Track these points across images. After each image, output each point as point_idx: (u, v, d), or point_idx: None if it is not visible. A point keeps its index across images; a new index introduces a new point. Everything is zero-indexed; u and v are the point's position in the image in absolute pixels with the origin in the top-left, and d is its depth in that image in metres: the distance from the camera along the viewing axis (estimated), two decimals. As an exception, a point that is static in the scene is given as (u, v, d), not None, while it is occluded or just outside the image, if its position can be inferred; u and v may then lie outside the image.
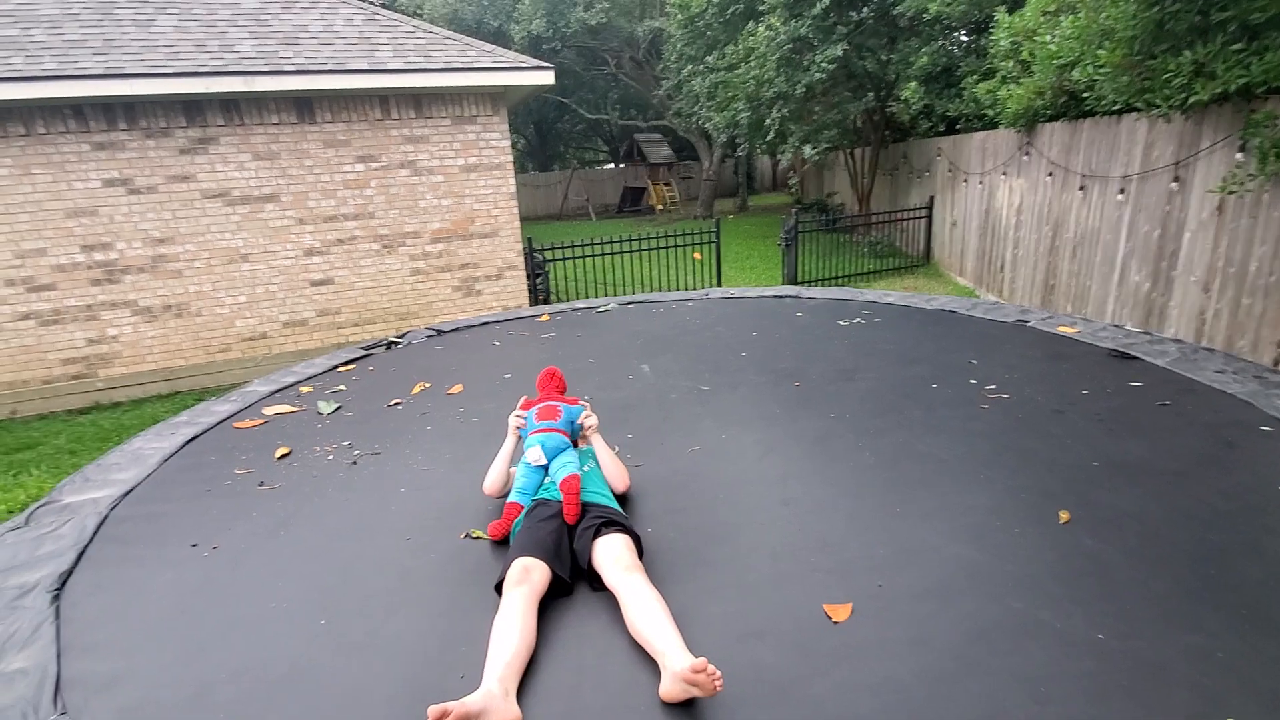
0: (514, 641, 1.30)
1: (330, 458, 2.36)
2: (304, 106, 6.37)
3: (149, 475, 2.29)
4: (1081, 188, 6.02)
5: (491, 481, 1.89)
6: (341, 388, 3.09)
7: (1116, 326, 3.18)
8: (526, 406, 2.00)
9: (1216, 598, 1.40)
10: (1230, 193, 4.17)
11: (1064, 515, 1.72)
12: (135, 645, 1.47)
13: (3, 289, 5.81)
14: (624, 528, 1.58)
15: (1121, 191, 5.43)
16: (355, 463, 2.31)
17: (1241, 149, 4.11)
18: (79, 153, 5.81)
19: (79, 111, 5.73)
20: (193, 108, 6.04)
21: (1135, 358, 2.75)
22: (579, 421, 1.95)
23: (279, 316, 6.73)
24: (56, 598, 1.64)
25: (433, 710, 1.10)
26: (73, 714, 1.28)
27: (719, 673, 1.16)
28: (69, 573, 1.74)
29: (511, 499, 1.74)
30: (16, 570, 1.75)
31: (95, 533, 1.93)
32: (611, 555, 1.48)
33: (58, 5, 6.16)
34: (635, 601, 1.37)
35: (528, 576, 1.44)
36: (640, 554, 1.55)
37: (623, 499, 1.89)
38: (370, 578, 1.66)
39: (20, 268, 5.82)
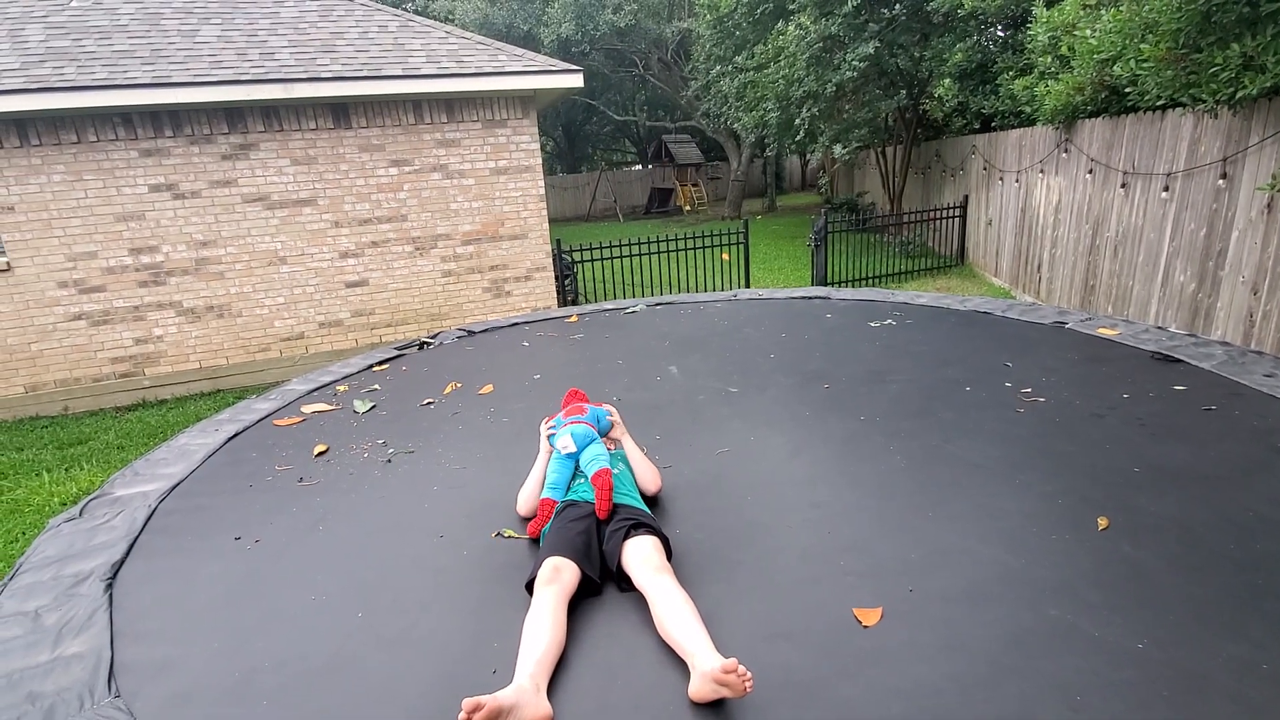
0: (545, 638, 1.33)
1: (366, 456, 2.41)
2: (340, 112, 6.52)
3: (194, 470, 2.38)
4: (1123, 185, 5.85)
5: (526, 498, 1.89)
6: (376, 387, 3.16)
7: (1160, 328, 3.09)
8: (552, 418, 2.04)
9: (1262, 607, 1.36)
10: (1281, 190, 4.03)
11: (1103, 521, 1.68)
12: (184, 633, 1.53)
13: (56, 290, 6.06)
14: (653, 529, 1.60)
15: (1166, 189, 5.27)
16: (390, 461, 2.36)
17: (1294, 144, 3.97)
18: (127, 159, 6.03)
19: (127, 119, 5.95)
20: (234, 114, 6.23)
21: (1179, 361, 2.67)
22: (606, 419, 1.98)
23: (315, 317, 6.90)
24: (109, 586, 1.71)
25: (467, 702, 1.12)
26: (126, 698, 1.33)
27: (749, 674, 1.16)
28: (121, 562, 1.82)
29: (544, 495, 1.77)
30: (73, 559, 1.83)
31: (145, 524, 2.01)
32: (641, 556, 1.50)
33: (107, 17, 6.41)
34: (664, 602, 1.38)
35: (558, 576, 1.46)
36: (669, 556, 1.57)
37: (652, 500, 1.90)
38: (405, 574, 1.70)
39: (73, 270, 6.07)
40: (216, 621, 1.56)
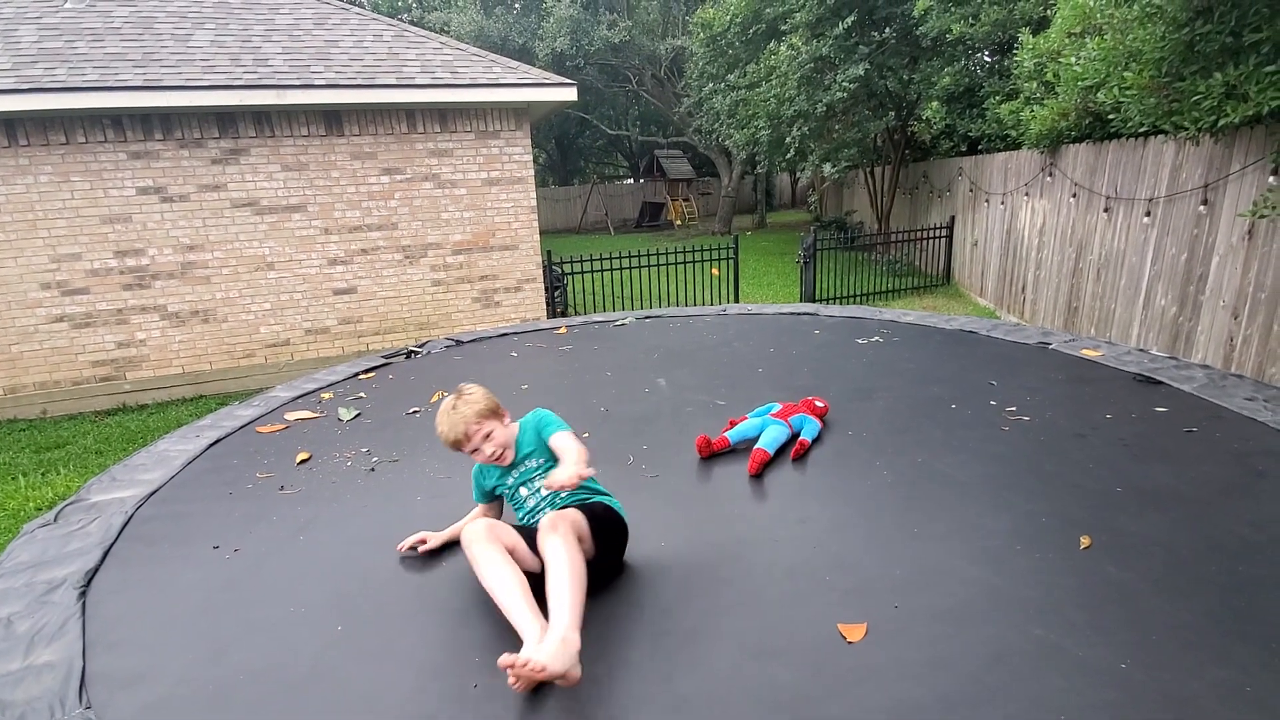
0: (519, 581, 1.41)
1: (349, 464, 2.39)
2: (332, 119, 6.52)
3: (173, 477, 2.33)
4: (1106, 209, 5.96)
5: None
6: (361, 395, 3.13)
7: (1141, 351, 3.13)
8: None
9: (1245, 630, 1.37)
10: (1262, 217, 4.11)
11: (1085, 541, 1.69)
12: (158, 643, 1.50)
13: (39, 292, 5.98)
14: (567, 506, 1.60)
15: (1148, 214, 5.37)
16: (373, 469, 2.33)
17: (1274, 172, 4.06)
18: (116, 161, 5.99)
19: (117, 122, 5.91)
20: (225, 119, 6.21)
21: (1161, 383, 2.70)
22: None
23: (302, 324, 6.84)
24: (83, 594, 1.67)
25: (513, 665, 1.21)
26: (97, 709, 1.30)
27: (518, 680, 1.24)
28: (95, 570, 1.78)
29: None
30: (46, 566, 1.79)
31: (121, 531, 1.97)
32: (545, 522, 1.50)
33: (101, 19, 6.39)
34: (548, 566, 1.41)
35: (494, 534, 1.50)
36: (595, 533, 1.54)
37: (639, 515, 1.87)
38: (386, 585, 1.68)
39: (56, 271, 5.99)
40: (192, 632, 1.53)
